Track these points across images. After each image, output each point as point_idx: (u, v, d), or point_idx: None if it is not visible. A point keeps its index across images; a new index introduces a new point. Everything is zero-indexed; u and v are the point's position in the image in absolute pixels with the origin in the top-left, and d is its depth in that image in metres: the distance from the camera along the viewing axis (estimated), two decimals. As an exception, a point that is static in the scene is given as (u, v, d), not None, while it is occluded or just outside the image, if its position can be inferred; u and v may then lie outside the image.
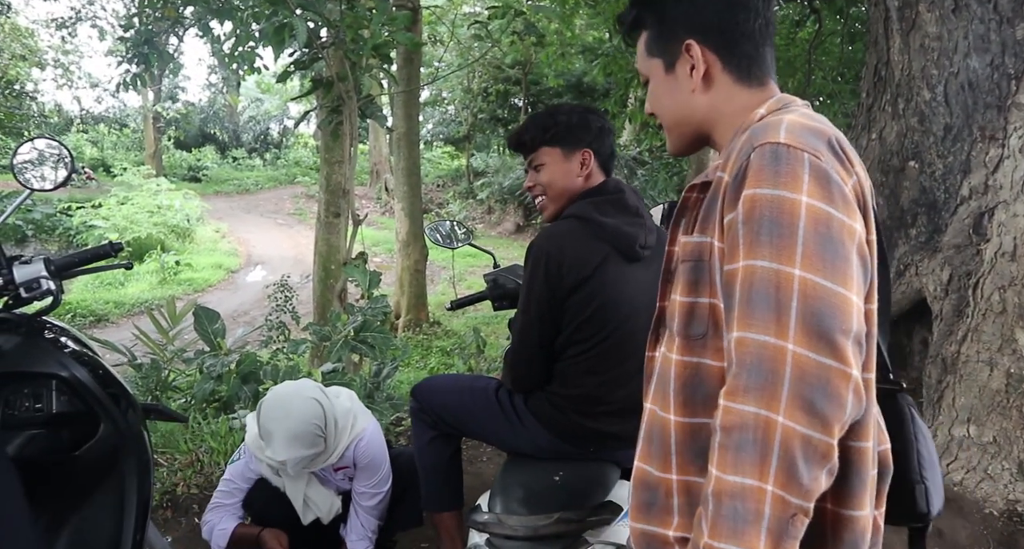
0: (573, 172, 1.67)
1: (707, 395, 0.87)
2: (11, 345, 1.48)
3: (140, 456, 1.62)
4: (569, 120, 1.66)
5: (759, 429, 0.73)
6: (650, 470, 0.94)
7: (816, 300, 0.74)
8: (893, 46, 3.35)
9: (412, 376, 5.59)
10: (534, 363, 1.64)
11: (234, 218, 16.99)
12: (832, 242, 0.77)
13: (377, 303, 3.47)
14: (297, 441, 1.74)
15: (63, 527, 1.54)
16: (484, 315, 10.11)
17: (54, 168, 1.59)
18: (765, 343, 0.74)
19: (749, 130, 0.87)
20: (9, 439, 1.46)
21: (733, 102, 0.96)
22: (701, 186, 0.94)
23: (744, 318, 0.77)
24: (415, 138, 8.69)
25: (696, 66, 0.96)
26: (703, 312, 0.88)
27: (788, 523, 0.72)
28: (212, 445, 2.85)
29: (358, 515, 1.97)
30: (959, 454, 2.86)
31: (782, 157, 0.79)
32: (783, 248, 0.76)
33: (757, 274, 0.77)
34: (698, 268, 0.89)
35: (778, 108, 0.92)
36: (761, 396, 0.73)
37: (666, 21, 0.99)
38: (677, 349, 0.91)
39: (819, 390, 0.72)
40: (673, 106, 1.01)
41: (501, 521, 1.33)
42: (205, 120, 27.19)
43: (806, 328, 0.74)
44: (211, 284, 11.85)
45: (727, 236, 0.83)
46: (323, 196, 5.79)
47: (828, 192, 0.78)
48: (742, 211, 0.80)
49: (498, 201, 16.84)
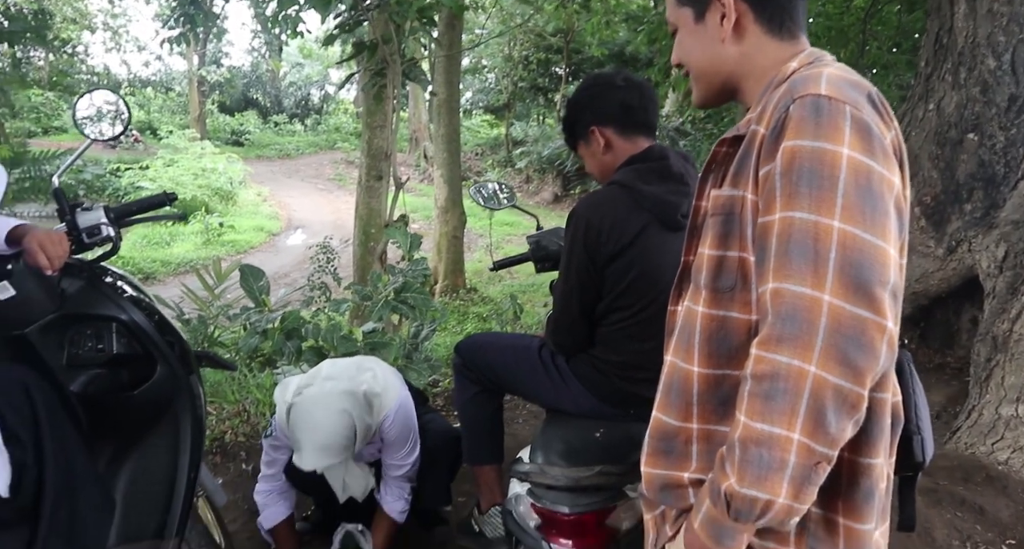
0: (597, 154, 1.71)
1: (732, 348, 0.88)
2: (75, 288, 1.54)
3: (193, 399, 1.69)
4: (568, 115, 1.73)
5: (791, 378, 0.73)
6: (668, 420, 0.95)
7: (855, 252, 0.75)
8: (957, 12, 3.20)
9: (449, 340, 5.67)
10: (575, 329, 1.65)
11: (275, 182, 17.25)
12: (872, 195, 0.77)
13: (418, 265, 3.50)
14: (326, 453, 1.75)
15: (124, 461, 1.62)
16: (521, 282, 10.15)
17: (112, 120, 1.63)
18: (802, 294, 0.75)
19: (787, 82, 0.86)
20: (74, 377, 1.54)
21: (763, 54, 0.95)
22: (732, 140, 0.93)
23: (781, 269, 0.77)
24: (455, 105, 8.66)
25: (727, 15, 0.95)
26: (732, 265, 0.88)
27: (811, 471, 0.75)
28: (257, 396, 2.95)
29: (389, 483, 2.01)
30: (1005, 434, 2.80)
31: (823, 109, 0.79)
32: (823, 200, 0.76)
33: (795, 225, 0.77)
34: (729, 221, 0.89)
35: (809, 62, 0.91)
36: (795, 346, 0.74)
37: None
38: (704, 302, 0.91)
39: (854, 341, 0.73)
40: (702, 56, 1.00)
41: (544, 471, 1.36)
42: (248, 85, 27.48)
43: (844, 280, 0.74)
44: (253, 246, 12.08)
45: (763, 188, 0.83)
46: (364, 160, 5.82)
47: (869, 145, 0.78)
48: (780, 163, 0.79)
49: (536, 170, 16.73)
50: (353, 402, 1.80)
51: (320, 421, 1.75)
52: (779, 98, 0.85)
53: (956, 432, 2.92)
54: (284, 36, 5.55)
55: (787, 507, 0.76)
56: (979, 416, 2.87)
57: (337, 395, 1.80)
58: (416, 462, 2.02)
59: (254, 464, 2.60)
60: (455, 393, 1.96)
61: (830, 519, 0.85)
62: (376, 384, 1.93)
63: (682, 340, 0.95)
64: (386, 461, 2.00)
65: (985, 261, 3.14)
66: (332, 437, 1.74)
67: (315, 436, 1.74)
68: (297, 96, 28.36)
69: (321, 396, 1.80)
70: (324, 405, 1.77)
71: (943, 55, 3.32)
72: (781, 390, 0.74)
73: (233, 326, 4.51)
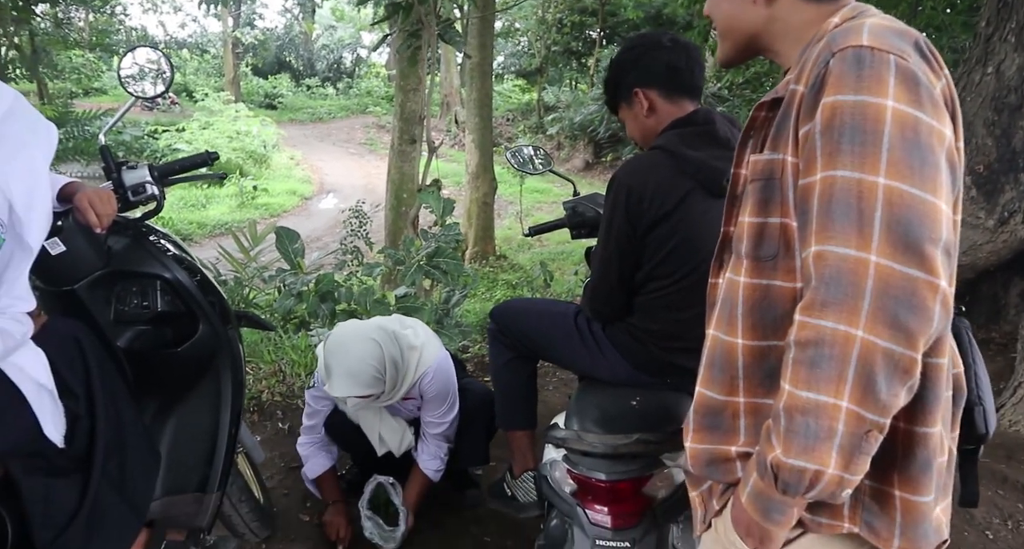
0: (640, 116, 1.66)
1: (776, 317, 0.85)
2: (120, 246, 1.56)
3: (234, 357, 1.72)
4: (611, 76, 1.67)
5: (836, 344, 0.70)
6: (713, 395, 0.93)
7: (903, 208, 0.71)
8: (1025, -32, 3.03)
9: (478, 307, 5.69)
10: (613, 296, 1.63)
11: (307, 146, 17.32)
12: (920, 148, 0.72)
13: (450, 230, 3.50)
14: (353, 379, 1.78)
15: (169, 415, 1.66)
16: (551, 251, 10.11)
17: (155, 78, 1.63)
18: (846, 256, 0.71)
19: (827, 37, 0.81)
20: (120, 333, 1.57)
21: (798, 16, 0.90)
22: (771, 103, 0.88)
23: (823, 231, 0.73)
24: (488, 69, 8.54)
25: None
26: (774, 232, 0.84)
27: (862, 439, 0.72)
28: (293, 358, 3.00)
29: (428, 440, 2.05)
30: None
31: (865, 60, 0.74)
32: (866, 156, 0.72)
33: (837, 184, 0.73)
34: (769, 186, 0.84)
35: (852, 16, 0.86)
36: (841, 310, 0.70)
37: None
38: (745, 271, 0.87)
39: (904, 303, 0.69)
40: (730, 12, 0.95)
41: (581, 437, 1.36)
42: (281, 47, 27.45)
43: (891, 238, 0.70)
44: (286, 209, 12.21)
45: (803, 149, 0.78)
46: (397, 124, 5.80)
47: (916, 95, 0.73)
48: (820, 120, 0.75)
49: (568, 137, 16.51)
50: (384, 336, 1.86)
51: (349, 346, 1.81)
52: (818, 53, 0.80)
53: (1000, 409, 2.85)
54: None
55: (837, 478, 0.73)
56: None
57: (370, 327, 1.89)
58: (455, 421, 2.05)
59: (290, 423, 2.66)
60: (489, 358, 1.96)
61: (885, 492, 0.82)
62: (416, 339, 1.97)
63: (724, 312, 0.91)
64: (425, 418, 2.03)
65: (1039, 234, 3.03)
66: (360, 363, 1.78)
67: (344, 361, 1.79)
68: (329, 59, 28.26)
69: (354, 326, 1.90)
70: (355, 334, 1.85)
71: (1007, 14, 3.15)
72: (827, 356, 0.71)
73: (268, 288, 4.58)
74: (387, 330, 1.89)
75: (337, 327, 1.91)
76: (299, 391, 2.81)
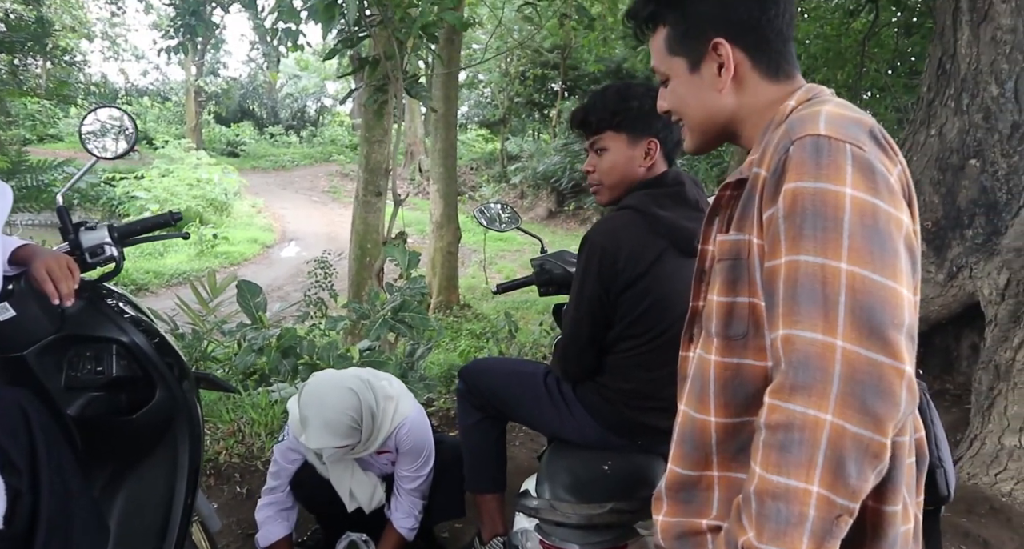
0: (636, 161, 1.61)
1: (748, 395, 0.86)
2: (75, 309, 1.50)
3: (192, 423, 1.65)
4: (641, 106, 1.56)
5: (806, 428, 0.71)
6: (685, 472, 0.93)
7: (866, 294, 0.72)
8: (961, 38, 3.23)
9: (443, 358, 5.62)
10: (585, 356, 1.62)
11: (270, 194, 17.20)
12: (879, 234, 0.75)
13: (415, 283, 3.47)
14: (330, 430, 1.74)
15: (120, 485, 1.58)
16: (515, 299, 10.12)
17: (117, 137, 1.61)
18: (813, 340, 0.72)
19: (785, 123, 0.84)
20: (71, 399, 1.50)
21: (761, 98, 0.94)
22: (735, 183, 0.91)
23: (790, 315, 0.75)
24: (453, 120, 8.68)
25: (726, 66, 0.93)
26: (743, 311, 0.86)
27: (832, 524, 0.72)
28: (253, 416, 2.90)
29: (401, 496, 1.99)
30: (1009, 464, 2.78)
31: (823, 149, 0.77)
32: (828, 242, 0.74)
33: (801, 269, 0.75)
34: (736, 266, 0.87)
35: (808, 99, 0.90)
36: (810, 394, 0.71)
37: (691, 18, 0.95)
38: (716, 350, 0.89)
39: (871, 388, 0.70)
40: (699, 106, 0.97)
41: (554, 507, 1.32)
42: (244, 96, 27.51)
43: (856, 323, 0.72)
44: (247, 258, 12.03)
45: (767, 232, 0.81)
46: (362, 175, 5.80)
47: (873, 183, 0.76)
48: (783, 206, 0.78)
49: (531, 186, 16.76)
50: (361, 385, 1.83)
51: (326, 396, 1.77)
52: (778, 139, 0.83)
53: (958, 461, 2.89)
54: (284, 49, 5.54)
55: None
56: (981, 446, 2.85)
57: (346, 376, 1.86)
58: (430, 476, 2.01)
59: (249, 486, 2.55)
60: (458, 418, 1.93)
61: None
62: (392, 389, 1.94)
63: (695, 389, 0.92)
64: (400, 472, 1.98)
65: (987, 288, 3.14)
66: (337, 413, 1.74)
67: (321, 411, 1.75)
68: (293, 108, 28.39)
69: (330, 375, 1.87)
70: (333, 383, 1.81)
71: (946, 81, 3.34)
72: (797, 441, 0.71)
73: (227, 341, 4.47)
74: (363, 379, 1.87)
75: (312, 377, 1.87)
76: (259, 452, 2.71)
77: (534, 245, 2.28)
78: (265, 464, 2.68)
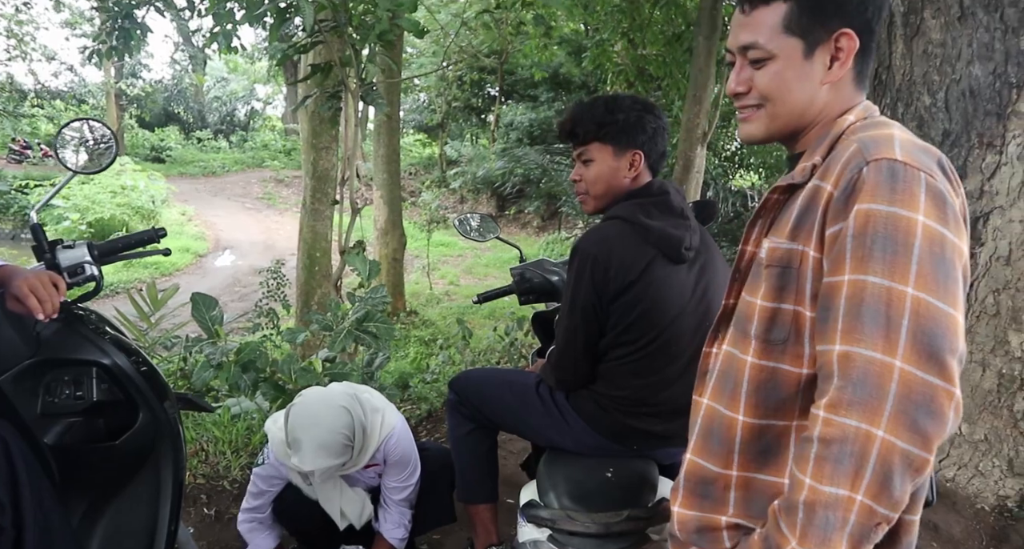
0: (621, 172, 1.64)
1: (780, 399, 0.89)
2: (51, 332, 1.42)
3: (176, 446, 1.59)
4: (627, 119, 1.60)
5: (858, 442, 0.74)
6: (708, 466, 0.95)
7: (929, 320, 0.76)
8: (895, 51, 3.42)
9: (393, 366, 5.55)
10: (579, 365, 1.64)
11: (200, 201, 16.60)
12: (945, 263, 0.78)
13: (377, 293, 3.42)
14: (325, 451, 1.70)
15: (100, 516, 1.50)
16: (459, 304, 10.09)
17: (94, 151, 1.53)
18: (872, 358, 0.76)
19: (856, 141, 0.86)
20: (48, 427, 1.42)
21: (842, 103, 0.94)
22: (785, 188, 0.93)
23: (851, 332, 0.78)
24: (395, 125, 8.60)
25: (843, 60, 0.91)
26: (786, 318, 0.89)
27: (871, 530, 0.76)
28: (216, 434, 2.80)
29: (390, 507, 1.96)
30: (951, 451, 2.96)
31: (899, 175, 0.80)
32: (897, 265, 0.77)
33: (868, 289, 0.77)
34: (786, 274, 0.88)
35: (865, 117, 0.92)
36: (865, 410, 0.75)
37: (824, 1, 0.91)
38: (754, 352, 0.91)
39: (923, 408, 0.74)
40: (799, 94, 0.93)
41: (571, 517, 1.33)
42: (169, 99, 26.43)
43: (916, 347, 0.75)
44: (179, 268, 11.57)
45: (830, 248, 0.83)
46: (309, 182, 5.68)
47: (943, 213, 0.80)
48: (853, 225, 0.80)
49: (471, 190, 16.76)
50: (353, 403, 1.79)
51: (321, 415, 1.72)
52: (849, 158, 0.84)
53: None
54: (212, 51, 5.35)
55: None
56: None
57: (338, 394, 1.81)
58: (417, 485, 1.98)
59: (217, 507, 2.45)
60: (448, 429, 1.91)
61: None
62: (376, 402, 1.91)
63: (725, 387, 0.94)
64: (387, 484, 1.95)
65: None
66: (332, 434, 1.70)
67: (315, 432, 1.69)
68: (222, 112, 27.47)
69: (321, 395, 1.80)
70: (326, 402, 1.76)
71: (882, 91, 3.53)
72: (848, 453, 0.75)
73: (171, 357, 4.29)
74: (350, 395, 1.84)
75: (300, 398, 1.80)
76: (224, 471, 2.62)
77: (475, 250, 2.30)
78: (232, 483, 2.59)
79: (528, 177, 14.59)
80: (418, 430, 3.51)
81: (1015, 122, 3.03)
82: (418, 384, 4.24)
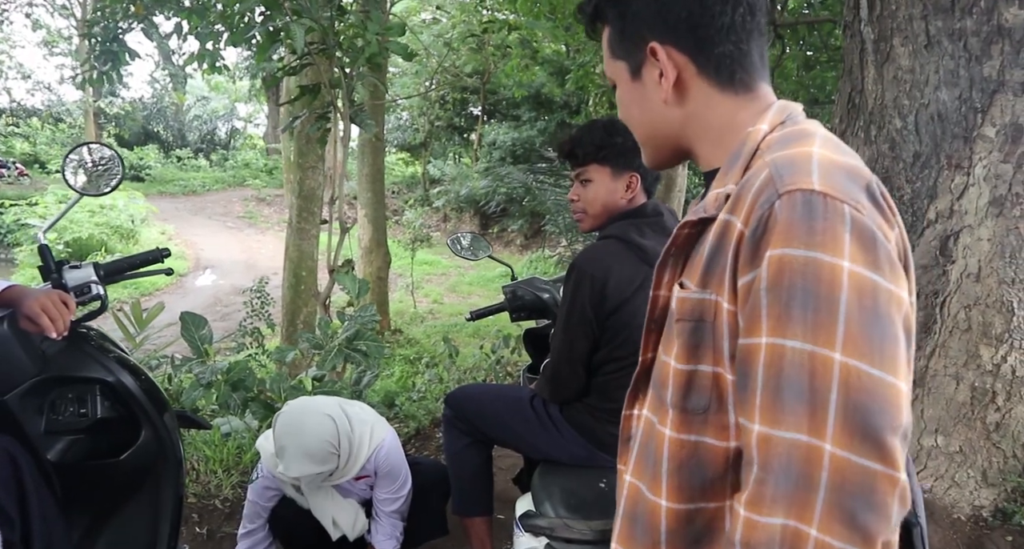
0: (618, 193, 1.71)
1: (706, 480, 0.76)
2: (56, 350, 1.45)
3: (177, 464, 1.61)
4: (625, 142, 1.66)
5: (786, 543, 0.62)
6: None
7: (862, 392, 0.62)
8: (867, 76, 3.56)
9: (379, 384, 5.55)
10: (574, 378, 1.69)
11: (180, 220, 16.51)
12: (879, 318, 0.63)
13: (366, 311, 3.46)
14: (309, 458, 1.74)
15: (100, 534, 1.52)
16: (443, 323, 10.11)
17: (101, 174, 1.57)
18: (796, 442, 0.62)
19: (768, 164, 0.70)
20: (51, 444, 1.44)
21: (715, 112, 0.81)
22: (696, 222, 0.78)
23: (770, 410, 0.64)
24: (380, 145, 8.66)
25: (664, 73, 0.80)
26: (704, 382, 0.75)
27: None
28: (207, 453, 2.80)
29: (381, 519, 1.99)
30: (928, 463, 3.05)
31: (817, 210, 0.64)
32: (820, 326, 0.62)
33: (787, 357, 0.63)
34: (699, 330, 0.74)
35: (782, 121, 0.78)
36: (791, 506, 0.62)
37: (627, 17, 0.83)
38: (672, 424, 0.77)
39: (861, 500, 0.61)
40: (644, 118, 0.86)
41: (569, 526, 1.38)
42: (148, 117, 26.33)
43: (848, 426, 0.61)
44: (159, 288, 11.47)
45: (744, 301, 0.69)
46: (295, 201, 5.72)
47: (873, 255, 0.64)
48: (767, 275, 0.65)
49: (454, 209, 16.86)
50: (338, 412, 1.84)
51: (305, 423, 1.77)
52: (760, 188, 0.69)
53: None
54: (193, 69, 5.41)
55: None
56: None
57: (322, 403, 1.87)
58: (409, 496, 2.02)
59: (208, 526, 2.46)
60: (445, 444, 1.96)
61: None
62: (365, 415, 1.95)
63: (646, 464, 0.81)
64: (379, 495, 1.98)
65: (900, 302, 3.45)
66: (316, 441, 1.74)
67: (299, 440, 1.74)
68: (202, 130, 27.41)
69: (305, 403, 1.86)
70: (310, 410, 1.81)
71: (855, 114, 3.67)
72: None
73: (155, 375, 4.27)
74: (340, 407, 1.88)
75: (286, 407, 1.85)
76: (216, 490, 2.62)
77: (460, 269, 2.36)
78: (223, 502, 2.59)
79: (511, 196, 14.72)
80: (407, 448, 3.52)
81: (980, 145, 3.17)
82: (404, 402, 4.26)
